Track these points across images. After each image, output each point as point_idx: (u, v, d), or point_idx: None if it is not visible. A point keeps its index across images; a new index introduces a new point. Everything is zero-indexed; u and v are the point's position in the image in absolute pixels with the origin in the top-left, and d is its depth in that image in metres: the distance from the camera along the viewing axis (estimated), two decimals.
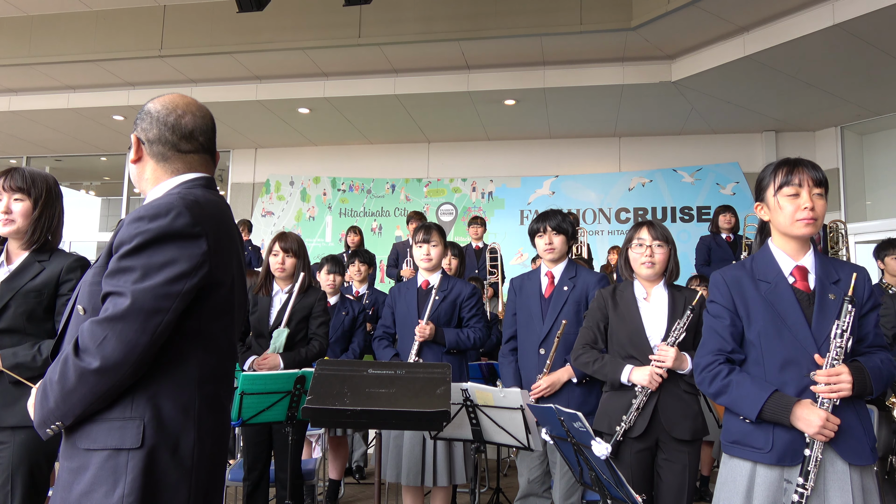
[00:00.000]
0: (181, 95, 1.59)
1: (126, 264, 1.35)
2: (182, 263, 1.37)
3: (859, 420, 1.79)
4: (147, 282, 1.34)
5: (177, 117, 1.53)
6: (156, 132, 1.52)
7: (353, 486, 4.61)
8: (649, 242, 2.55)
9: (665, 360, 2.38)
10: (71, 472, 1.36)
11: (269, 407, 2.67)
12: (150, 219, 1.37)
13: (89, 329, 1.33)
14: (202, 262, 1.40)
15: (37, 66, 7.28)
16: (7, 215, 2.15)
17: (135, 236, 1.36)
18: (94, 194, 11.78)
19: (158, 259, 1.35)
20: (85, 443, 1.36)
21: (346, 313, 4.08)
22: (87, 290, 1.43)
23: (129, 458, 1.33)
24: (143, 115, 1.54)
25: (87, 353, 1.32)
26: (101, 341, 1.31)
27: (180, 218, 1.38)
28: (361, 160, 9.36)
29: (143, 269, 1.34)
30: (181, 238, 1.38)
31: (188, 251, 1.38)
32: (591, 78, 6.98)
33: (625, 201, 8.73)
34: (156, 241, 1.36)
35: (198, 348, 1.44)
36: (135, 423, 1.35)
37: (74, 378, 1.32)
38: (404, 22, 6.58)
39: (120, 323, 1.31)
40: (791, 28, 5.69)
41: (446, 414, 1.99)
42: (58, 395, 1.34)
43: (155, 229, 1.36)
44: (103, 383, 1.32)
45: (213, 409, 1.46)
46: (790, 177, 1.86)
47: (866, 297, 1.86)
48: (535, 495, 2.94)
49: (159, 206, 1.38)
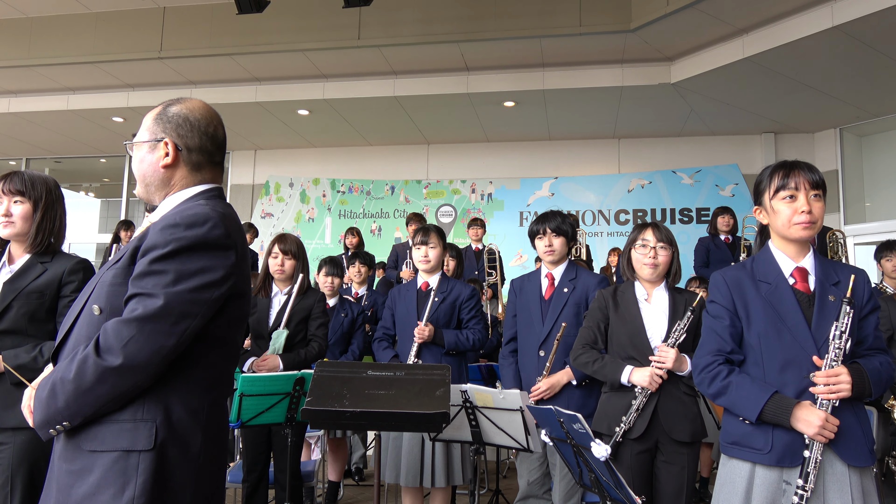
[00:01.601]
0: (206, 104, 1.60)
1: (158, 268, 1.37)
2: (214, 272, 1.40)
3: (858, 422, 1.79)
4: (179, 286, 1.36)
5: (214, 128, 1.57)
6: (198, 141, 1.54)
7: (353, 487, 4.60)
8: (653, 244, 2.55)
9: (665, 361, 2.38)
10: (71, 475, 1.34)
11: (269, 408, 2.67)
12: (187, 227, 1.39)
13: (114, 328, 1.33)
14: (231, 273, 1.44)
15: (36, 68, 7.28)
16: (7, 218, 2.16)
17: (169, 242, 1.38)
18: (93, 196, 11.77)
19: (192, 266, 1.38)
20: (90, 444, 1.35)
21: (345, 315, 4.08)
22: (105, 291, 1.43)
23: (139, 459, 1.33)
24: (176, 121, 1.54)
25: (109, 351, 1.32)
26: (128, 340, 1.32)
27: (216, 229, 1.42)
28: (361, 162, 9.37)
29: (177, 273, 1.37)
30: (215, 248, 1.42)
31: (220, 261, 1.42)
32: (590, 80, 6.98)
33: (624, 203, 8.73)
34: (190, 249, 1.39)
35: (211, 354, 1.46)
36: (147, 425, 1.35)
37: (93, 376, 1.31)
38: (404, 24, 6.59)
39: (150, 323, 1.33)
40: (790, 30, 5.69)
41: (446, 415, 1.99)
42: (70, 394, 1.32)
43: (191, 237, 1.39)
44: (123, 383, 1.33)
45: (217, 412, 1.48)
46: (787, 180, 1.86)
47: (866, 299, 1.86)
48: (534, 497, 2.94)
49: (196, 216, 1.41)
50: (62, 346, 1.47)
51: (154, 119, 1.56)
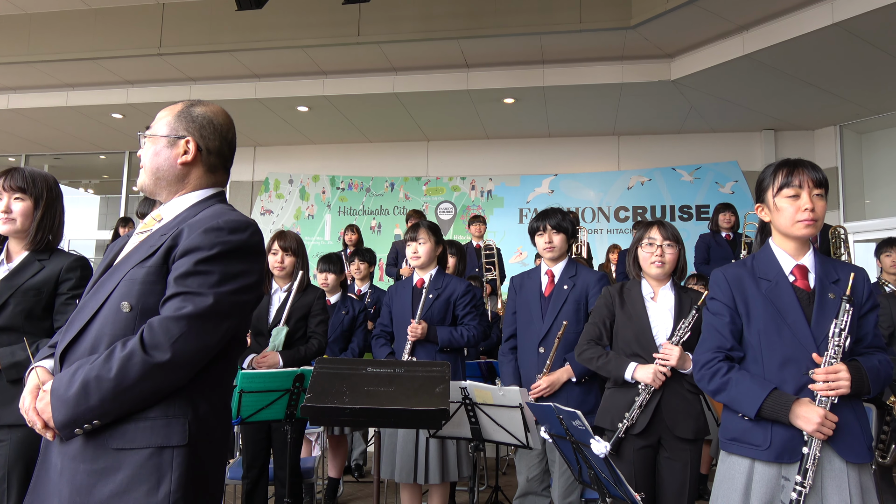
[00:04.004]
0: (226, 111, 1.65)
1: (204, 268, 1.40)
2: (252, 276, 1.47)
3: (857, 418, 1.80)
4: (225, 287, 1.41)
5: (232, 135, 1.64)
6: (218, 144, 1.59)
7: (352, 484, 4.61)
8: (660, 242, 2.56)
9: (669, 358, 2.38)
10: (93, 474, 1.33)
11: (268, 405, 2.67)
12: (230, 231, 1.45)
13: (163, 325, 1.35)
14: (262, 278, 1.52)
15: (35, 64, 7.26)
16: (7, 214, 2.15)
17: (215, 244, 1.41)
18: (92, 192, 11.75)
19: (234, 269, 1.43)
20: (118, 443, 1.35)
21: (345, 312, 4.08)
22: (137, 289, 1.42)
23: (174, 455, 1.35)
24: (200, 122, 1.57)
25: (157, 348, 1.33)
26: (178, 337, 1.34)
27: (255, 236, 1.49)
28: (360, 158, 9.36)
29: (222, 275, 1.41)
30: (253, 254, 1.48)
31: (257, 266, 1.49)
32: (590, 76, 6.97)
33: (624, 200, 8.73)
34: (234, 253, 1.44)
35: (230, 352, 1.52)
36: (179, 422, 1.38)
37: (139, 373, 1.32)
38: (403, 20, 6.57)
39: (200, 321, 1.36)
40: (790, 27, 5.69)
41: (445, 412, 1.99)
42: (108, 392, 1.31)
43: (236, 241, 1.44)
44: (167, 380, 1.36)
45: (227, 407, 1.55)
46: (790, 178, 1.87)
47: (865, 297, 1.86)
48: (533, 494, 2.94)
49: (238, 222, 1.47)
50: (73, 343, 1.43)
51: (176, 116, 1.58)
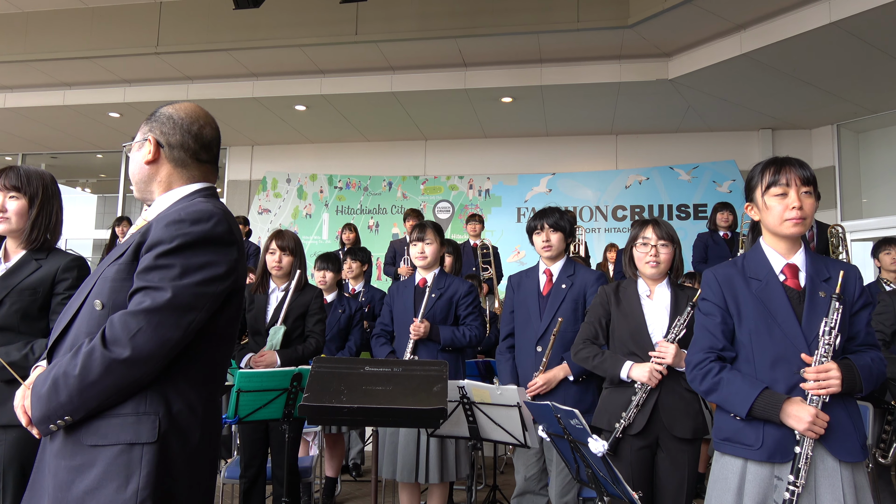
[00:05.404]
0: (197, 105, 1.65)
1: (165, 262, 1.39)
2: (218, 267, 1.44)
3: (849, 417, 1.80)
4: (186, 279, 1.39)
5: (199, 127, 1.60)
6: (179, 138, 1.57)
7: (350, 483, 4.61)
8: (654, 242, 2.55)
9: (665, 356, 2.38)
10: (71, 471, 1.35)
11: (266, 404, 2.68)
12: (192, 223, 1.42)
13: (122, 320, 1.35)
14: (234, 268, 1.48)
15: (32, 63, 7.24)
16: (2, 214, 2.14)
17: (175, 237, 1.40)
18: (89, 191, 11.73)
19: (197, 260, 1.41)
20: (92, 439, 1.36)
21: (342, 311, 4.08)
22: (108, 286, 1.44)
23: (143, 452, 1.35)
24: (161, 120, 1.58)
25: (117, 343, 1.33)
26: (135, 332, 1.33)
27: (220, 225, 1.46)
28: (358, 157, 9.35)
29: (183, 267, 1.39)
30: (219, 244, 1.45)
31: (224, 256, 1.46)
32: (587, 75, 6.97)
33: (621, 199, 8.74)
34: (196, 244, 1.42)
35: (210, 349, 1.49)
36: (150, 418, 1.37)
37: (100, 369, 1.32)
38: (401, 19, 6.57)
39: (157, 315, 1.35)
40: (787, 26, 5.69)
41: (443, 411, 1.99)
42: (74, 388, 1.33)
43: (197, 232, 1.42)
44: (130, 375, 1.35)
45: (212, 406, 1.51)
46: (777, 176, 1.87)
47: (857, 295, 1.86)
48: (531, 492, 2.95)
49: (201, 212, 1.45)
50: (58, 342, 1.47)
51: (145, 122, 1.61)
